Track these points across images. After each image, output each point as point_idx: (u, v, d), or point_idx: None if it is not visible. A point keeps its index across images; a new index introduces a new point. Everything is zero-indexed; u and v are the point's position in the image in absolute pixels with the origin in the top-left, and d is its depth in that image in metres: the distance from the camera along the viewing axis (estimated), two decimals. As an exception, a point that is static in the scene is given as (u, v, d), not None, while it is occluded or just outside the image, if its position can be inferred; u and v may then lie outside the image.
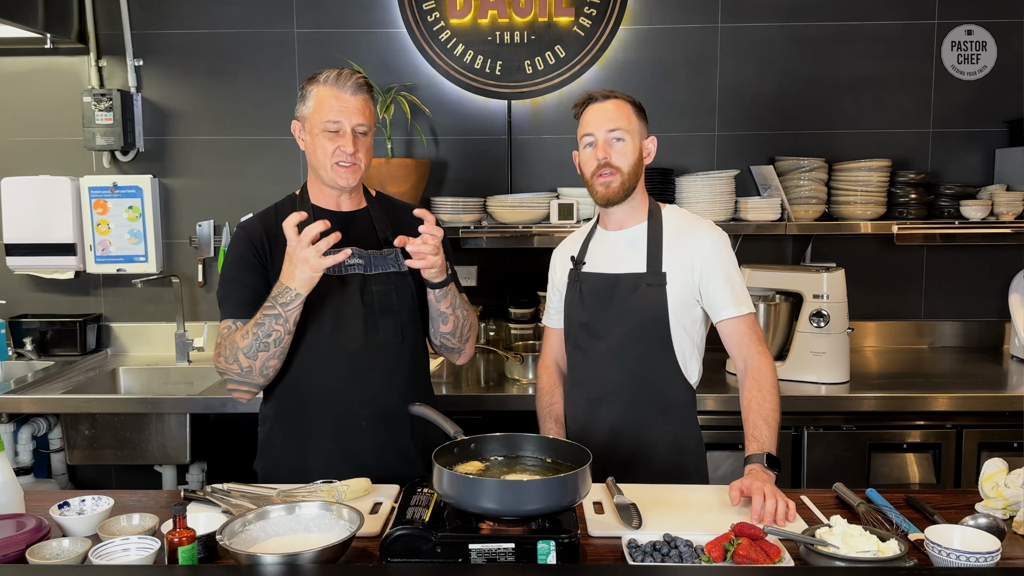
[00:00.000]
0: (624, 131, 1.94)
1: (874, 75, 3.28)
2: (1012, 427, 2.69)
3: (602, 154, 1.94)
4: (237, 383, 1.89)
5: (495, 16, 3.25)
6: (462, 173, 3.35)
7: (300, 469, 1.92)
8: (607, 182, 1.95)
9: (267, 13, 3.29)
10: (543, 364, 2.22)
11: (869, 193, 3.07)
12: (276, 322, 1.80)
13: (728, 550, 1.43)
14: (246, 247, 1.92)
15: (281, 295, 1.80)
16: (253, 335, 1.81)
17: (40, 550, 1.48)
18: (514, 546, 1.44)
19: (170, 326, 3.33)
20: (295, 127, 1.96)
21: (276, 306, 1.80)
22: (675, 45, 3.28)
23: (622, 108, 1.96)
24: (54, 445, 3.06)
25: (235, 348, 1.84)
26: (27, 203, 3.26)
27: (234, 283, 1.92)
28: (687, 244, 1.98)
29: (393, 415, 1.94)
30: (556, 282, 2.15)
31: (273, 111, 3.32)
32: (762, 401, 1.87)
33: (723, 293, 1.94)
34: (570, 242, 2.16)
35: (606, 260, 2.04)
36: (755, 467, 1.77)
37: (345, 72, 1.89)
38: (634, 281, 1.98)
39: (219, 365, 1.89)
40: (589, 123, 1.97)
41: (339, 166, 1.88)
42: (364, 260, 1.94)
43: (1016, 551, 1.54)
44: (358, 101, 1.88)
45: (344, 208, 1.99)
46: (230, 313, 1.91)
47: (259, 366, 1.85)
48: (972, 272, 3.36)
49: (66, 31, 3.22)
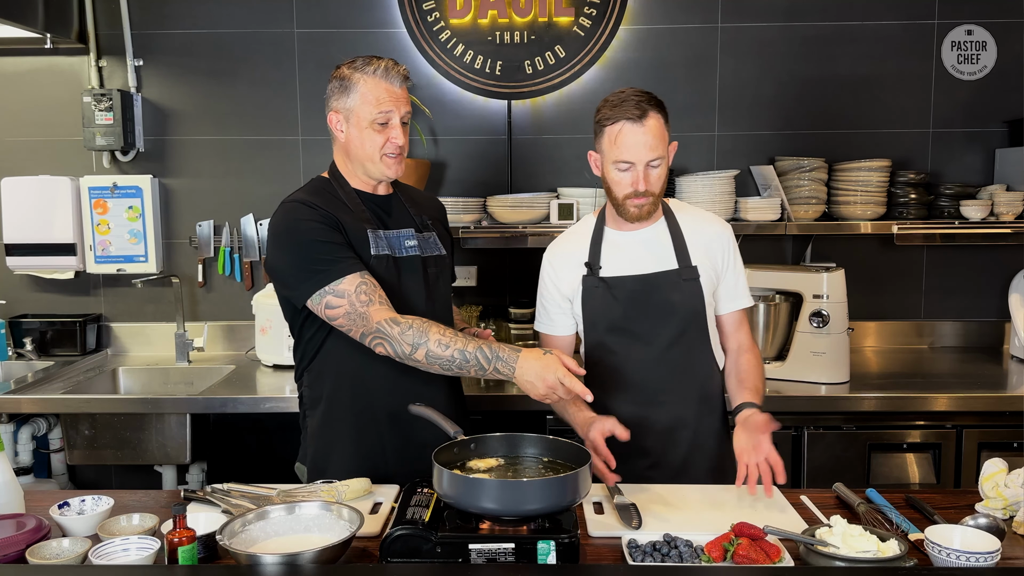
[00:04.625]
0: (661, 156, 1.90)
1: (874, 75, 3.28)
2: (1012, 427, 2.69)
3: (643, 185, 1.89)
4: (390, 347, 1.77)
5: (495, 16, 3.25)
6: (462, 173, 3.35)
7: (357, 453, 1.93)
8: (641, 204, 1.92)
9: (267, 13, 3.29)
10: None
11: (869, 193, 3.07)
12: (476, 368, 1.74)
13: (728, 550, 1.43)
14: (319, 212, 1.84)
15: (505, 364, 1.73)
16: (451, 355, 1.74)
17: (40, 550, 1.48)
18: (514, 546, 1.45)
19: (170, 326, 3.33)
20: (334, 119, 1.92)
21: (491, 364, 1.73)
22: (675, 45, 3.28)
23: (658, 129, 1.88)
24: (54, 445, 3.06)
25: (423, 341, 1.75)
26: (27, 203, 3.26)
27: (327, 245, 1.81)
28: (705, 236, 2.01)
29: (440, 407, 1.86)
30: (562, 289, 2.04)
31: (273, 111, 3.32)
32: (758, 372, 2.00)
33: (737, 285, 2.04)
34: (568, 245, 2.07)
35: (628, 261, 1.99)
36: (753, 411, 1.87)
37: (390, 62, 1.89)
38: (670, 278, 1.97)
39: (389, 329, 1.76)
40: (627, 149, 1.87)
41: (388, 157, 1.90)
42: (419, 242, 1.97)
43: (1016, 551, 1.54)
44: (403, 92, 1.91)
45: (380, 192, 2.01)
46: (347, 270, 1.79)
47: (424, 366, 1.79)
48: (972, 272, 3.36)
49: (66, 31, 3.22)
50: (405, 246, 1.94)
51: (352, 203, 1.93)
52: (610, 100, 1.91)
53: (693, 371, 2.00)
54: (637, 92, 1.90)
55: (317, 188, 1.96)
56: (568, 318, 2.07)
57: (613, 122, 1.88)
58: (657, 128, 1.88)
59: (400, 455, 1.93)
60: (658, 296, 1.96)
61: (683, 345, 1.98)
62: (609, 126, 1.89)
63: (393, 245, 1.93)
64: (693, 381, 2.00)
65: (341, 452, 1.95)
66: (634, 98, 1.88)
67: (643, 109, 1.86)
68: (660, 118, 1.89)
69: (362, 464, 1.90)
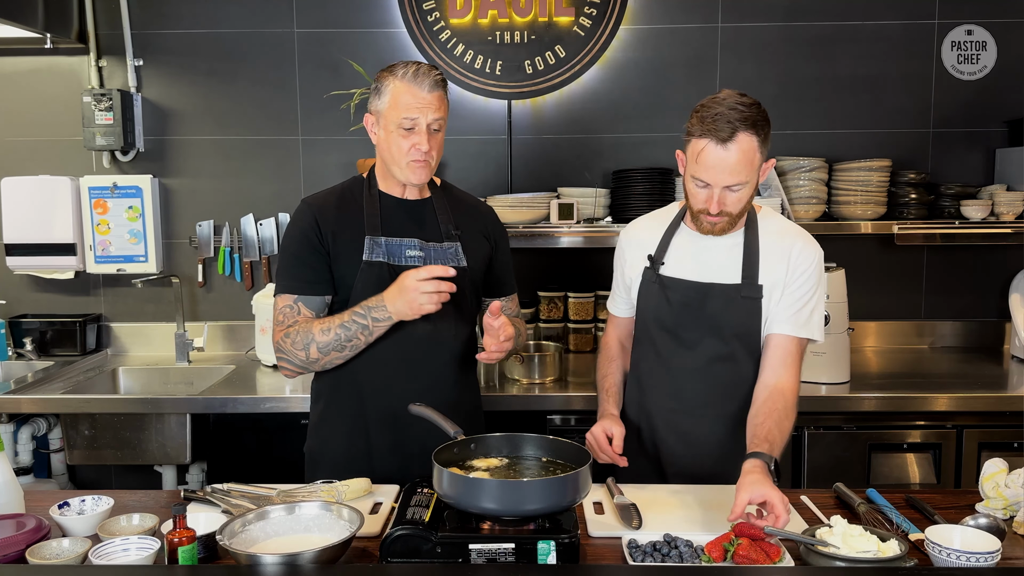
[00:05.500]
0: (744, 181, 1.75)
1: (874, 75, 3.28)
2: (1012, 427, 2.69)
3: (716, 208, 1.78)
4: (289, 363, 1.90)
5: (495, 16, 3.25)
6: (462, 173, 3.35)
7: (348, 451, 1.95)
8: (714, 222, 1.82)
9: (267, 13, 3.29)
10: (609, 341, 2.10)
11: (869, 193, 3.07)
12: (361, 332, 1.83)
13: (728, 550, 1.43)
14: (310, 225, 1.92)
15: (377, 310, 1.82)
16: (335, 335, 1.84)
17: (40, 550, 1.48)
18: (514, 546, 1.44)
19: (170, 326, 3.33)
20: (368, 120, 1.94)
21: (367, 318, 1.83)
22: (675, 45, 3.28)
23: (747, 152, 1.72)
24: (54, 445, 3.06)
25: (310, 338, 1.85)
26: (27, 203, 3.26)
27: (295, 259, 1.93)
28: (786, 257, 1.86)
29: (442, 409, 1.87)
30: (625, 273, 2.02)
31: (273, 111, 3.32)
32: (783, 415, 1.76)
33: (795, 309, 1.85)
34: (643, 231, 2.01)
35: (693, 265, 1.90)
36: (759, 465, 1.61)
37: (423, 67, 1.87)
38: (728, 293, 1.86)
39: (282, 344, 1.89)
40: (705, 170, 1.75)
41: (413, 163, 1.89)
42: (424, 252, 1.95)
43: (1016, 551, 1.54)
44: (434, 98, 1.86)
45: (409, 197, 1.99)
46: (288, 289, 1.92)
47: (325, 361, 1.89)
48: (972, 272, 3.36)
49: (66, 31, 3.22)
50: (406, 255, 1.93)
51: (369, 207, 1.95)
52: (703, 110, 1.76)
53: (736, 391, 1.89)
54: (735, 105, 1.73)
55: (343, 187, 2.02)
56: (629, 303, 2.04)
57: (698, 137, 1.75)
58: (746, 151, 1.72)
59: (388, 460, 1.94)
60: (711, 307, 1.87)
61: (730, 363, 1.89)
62: (695, 139, 1.76)
63: (392, 253, 1.92)
64: (733, 401, 1.89)
65: (333, 450, 1.99)
66: (728, 114, 1.71)
67: (732, 130, 1.71)
68: (753, 139, 1.73)
69: (350, 465, 1.91)
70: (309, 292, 1.92)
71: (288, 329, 1.89)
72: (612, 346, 2.10)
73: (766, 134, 1.76)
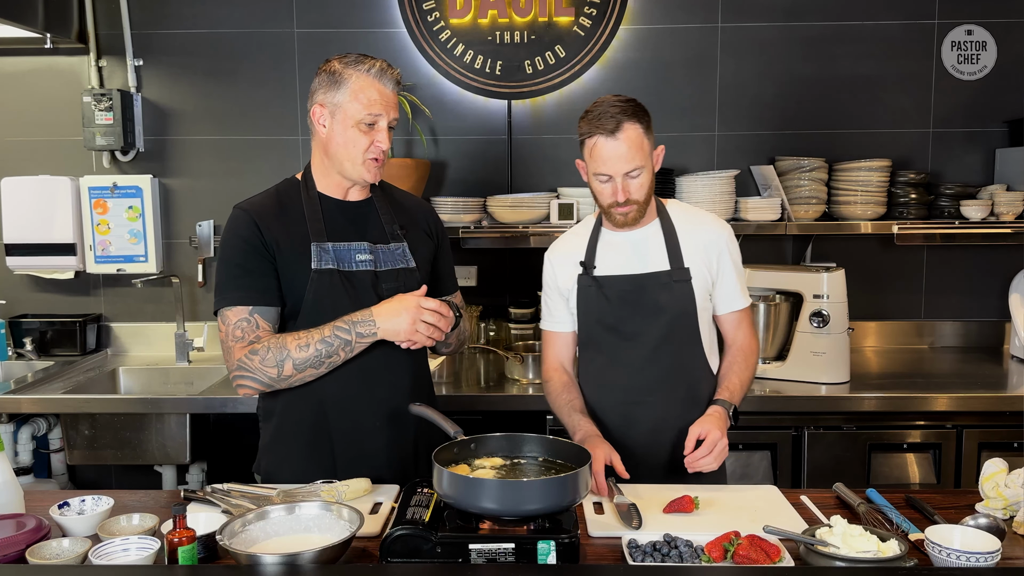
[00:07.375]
0: (639, 166, 1.88)
1: (874, 75, 3.28)
2: (1012, 427, 2.69)
3: (622, 196, 1.90)
4: (254, 381, 1.80)
5: (495, 16, 3.25)
6: (462, 173, 3.35)
7: (307, 469, 1.87)
8: (626, 212, 1.93)
9: (267, 13, 3.29)
10: (551, 367, 2.12)
11: (869, 193, 3.07)
12: (343, 348, 1.77)
13: (728, 550, 1.43)
14: (253, 233, 1.82)
15: (362, 324, 1.77)
16: (314, 351, 1.76)
17: (40, 550, 1.48)
18: (514, 546, 1.44)
19: (170, 326, 3.33)
20: (317, 112, 1.84)
21: (351, 333, 1.77)
22: (675, 45, 3.28)
23: (634, 140, 1.86)
24: (54, 445, 3.06)
25: (284, 355, 1.76)
26: (27, 203, 3.26)
27: (240, 269, 1.82)
28: (701, 238, 2.00)
29: (400, 415, 1.90)
30: (560, 287, 2.07)
31: (273, 111, 3.32)
32: (745, 368, 2.01)
33: (735, 286, 2.04)
34: (567, 244, 2.09)
35: (621, 261, 2.01)
36: (718, 410, 1.89)
37: (386, 64, 1.84)
38: (661, 279, 1.98)
39: (247, 362, 1.78)
40: (603, 163, 1.88)
41: (371, 161, 1.84)
42: (374, 255, 1.89)
43: (1016, 551, 1.54)
44: (395, 96, 1.85)
45: (352, 198, 1.93)
46: (239, 301, 1.80)
47: (298, 379, 1.80)
48: (972, 272, 3.36)
49: (66, 31, 3.22)
50: (355, 260, 1.86)
51: (310, 211, 1.87)
52: (588, 113, 1.91)
53: (682, 373, 2.00)
54: (614, 103, 1.88)
55: (278, 192, 1.92)
56: (568, 315, 2.09)
57: (589, 136, 1.89)
58: (633, 139, 1.86)
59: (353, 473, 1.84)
60: (648, 296, 1.98)
61: (672, 346, 1.98)
62: (586, 139, 1.90)
63: (341, 259, 1.85)
64: (680, 383, 2.00)
65: (292, 468, 1.90)
66: (609, 110, 1.86)
67: (617, 122, 1.85)
68: (637, 127, 1.87)
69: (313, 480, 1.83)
70: (263, 303, 1.81)
71: (253, 345, 1.78)
72: (559, 372, 2.10)
73: (648, 123, 1.91)
